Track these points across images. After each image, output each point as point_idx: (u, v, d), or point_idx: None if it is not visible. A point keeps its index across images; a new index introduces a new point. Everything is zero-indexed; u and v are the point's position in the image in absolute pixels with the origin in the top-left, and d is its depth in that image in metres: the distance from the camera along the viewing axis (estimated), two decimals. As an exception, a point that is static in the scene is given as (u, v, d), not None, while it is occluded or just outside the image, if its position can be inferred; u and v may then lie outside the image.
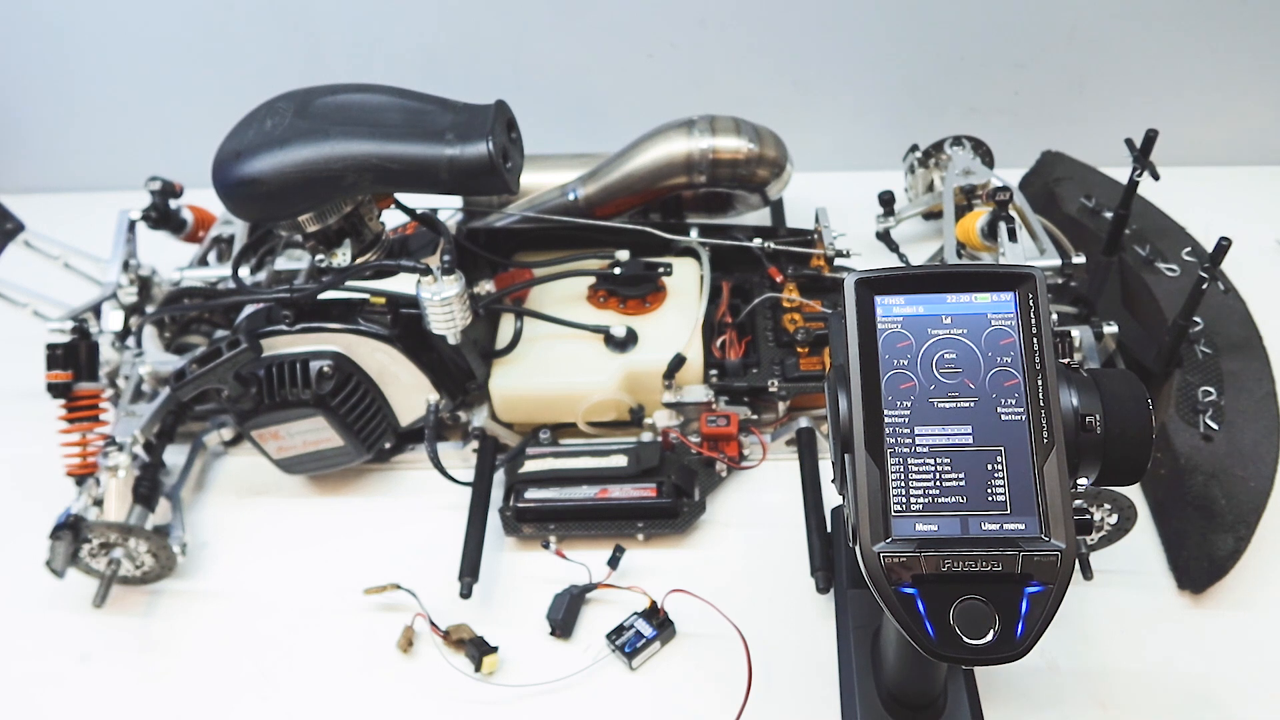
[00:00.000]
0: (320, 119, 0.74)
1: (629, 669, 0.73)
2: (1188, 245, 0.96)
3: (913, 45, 1.17)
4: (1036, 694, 0.69)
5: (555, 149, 1.04)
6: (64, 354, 0.89)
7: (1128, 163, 0.85)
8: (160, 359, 0.92)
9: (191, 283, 1.00)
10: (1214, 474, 0.75)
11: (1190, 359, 0.84)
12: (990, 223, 0.89)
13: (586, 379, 0.87)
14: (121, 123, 1.31)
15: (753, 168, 0.97)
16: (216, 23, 1.20)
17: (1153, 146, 0.84)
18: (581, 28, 1.17)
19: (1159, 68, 1.16)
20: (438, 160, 0.73)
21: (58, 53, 1.25)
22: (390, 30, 1.19)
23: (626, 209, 1.01)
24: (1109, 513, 0.71)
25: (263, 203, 0.74)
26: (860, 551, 0.47)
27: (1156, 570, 0.77)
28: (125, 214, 0.99)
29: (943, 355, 0.50)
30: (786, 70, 1.20)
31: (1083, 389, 0.50)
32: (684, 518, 0.81)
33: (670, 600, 0.75)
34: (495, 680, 0.73)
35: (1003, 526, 0.47)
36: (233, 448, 0.95)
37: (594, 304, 0.93)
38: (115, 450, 0.84)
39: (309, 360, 0.82)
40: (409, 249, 0.85)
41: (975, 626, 0.45)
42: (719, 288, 0.95)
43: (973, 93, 1.20)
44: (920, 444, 0.48)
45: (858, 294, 0.51)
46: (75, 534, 0.79)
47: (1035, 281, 0.50)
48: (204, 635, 0.79)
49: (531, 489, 0.82)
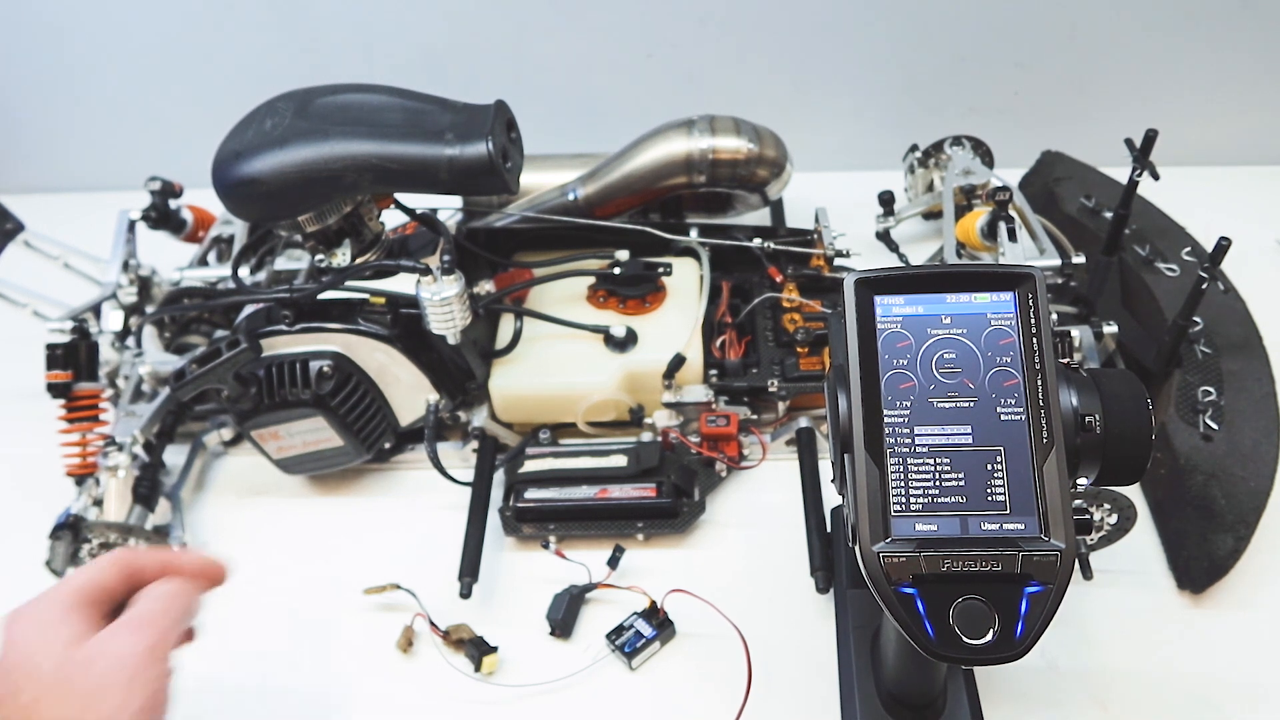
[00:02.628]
0: (320, 119, 0.74)
1: (629, 669, 0.73)
2: (1188, 245, 0.96)
3: (913, 45, 1.17)
4: (1036, 694, 0.69)
5: (555, 149, 1.04)
6: (64, 354, 0.89)
7: (1128, 163, 0.85)
8: (160, 359, 0.92)
9: (191, 283, 1.00)
10: (1214, 474, 0.75)
11: (1190, 359, 0.84)
12: (990, 223, 0.89)
13: (586, 379, 0.87)
14: (121, 123, 1.31)
15: (753, 168, 0.97)
16: (217, 23, 1.20)
17: (1153, 146, 0.84)
18: (581, 28, 1.17)
19: (1159, 68, 1.16)
20: (438, 160, 0.73)
21: (58, 53, 1.25)
22: (390, 30, 1.19)
23: (626, 209, 1.01)
24: (1109, 513, 0.71)
25: (263, 203, 0.74)
26: (860, 551, 0.47)
27: (1156, 570, 0.77)
28: (125, 214, 0.99)
29: (942, 355, 0.50)
30: (786, 70, 1.20)
31: (1082, 389, 0.50)
32: (684, 518, 0.81)
33: (670, 600, 0.75)
34: (495, 680, 0.73)
35: (1002, 526, 0.47)
36: (233, 448, 0.95)
37: (594, 304, 0.93)
38: (115, 450, 0.84)
39: (309, 360, 0.82)
40: (409, 249, 0.85)
41: (975, 626, 0.45)
42: (719, 288, 0.95)
43: (973, 93, 1.20)
44: (920, 444, 0.48)
45: (857, 294, 0.51)
46: (75, 534, 0.79)
47: (1035, 281, 0.50)
48: (203, 635, 0.79)
49: (531, 489, 0.82)
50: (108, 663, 0.51)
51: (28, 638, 0.52)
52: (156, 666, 0.52)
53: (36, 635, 0.52)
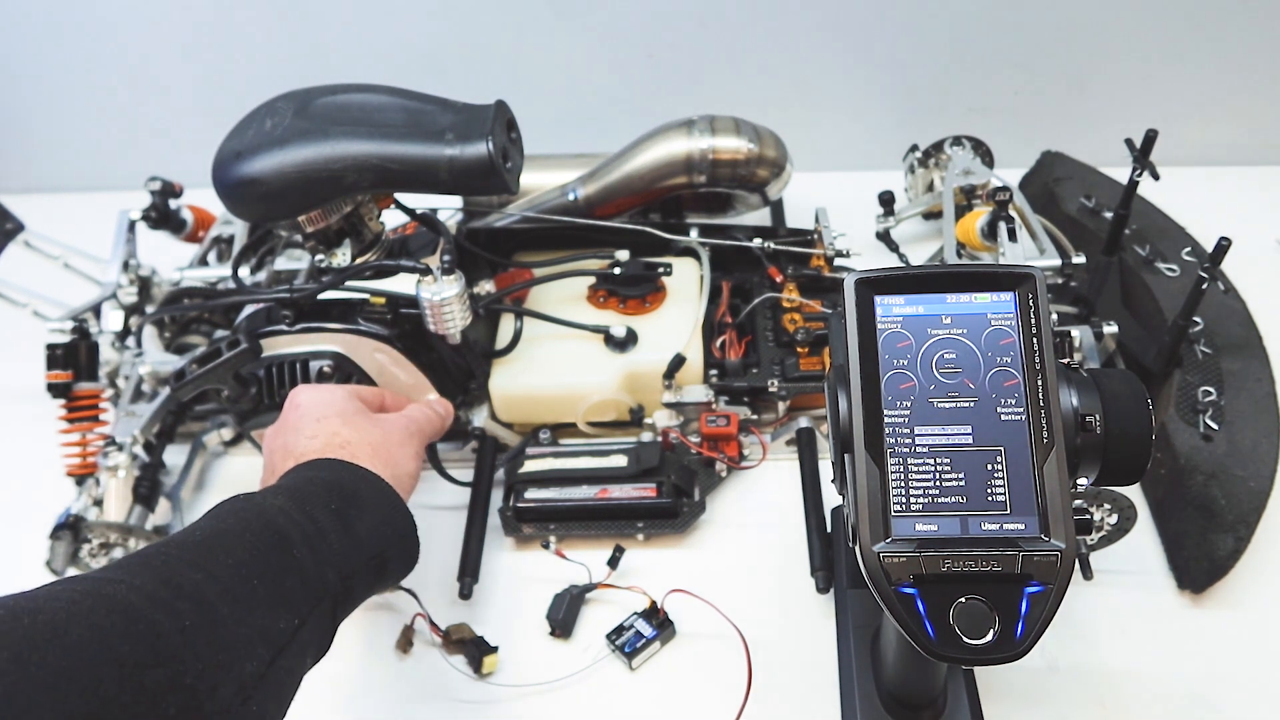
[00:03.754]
0: (320, 119, 0.74)
1: (629, 669, 0.73)
2: (1188, 245, 0.96)
3: (913, 45, 1.17)
4: (1036, 694, 0.69)
5: (555, 149, 1.04)
6: (64, 354, 0.89)
7: (1128, 163, 0.85)
8: (160, 359, 0.92)
9: (191, 283, 1.00)
10: (1214, 474, 0.75)
11: (1190, 359, 0.84)
12: (990, 223, 0.89)
13: (586, 379, 0.87)
14: (121, 123, 1.31)
15: (753, 168, 0.97)
16: (217, 23, 1.20)
17: (1153, 146, 0.84)
18: (581, 28, 1.17)
19: (1159, 68, 1.16)
20: (438, 160, 0.73)
21: (58, 53, 1.25)
22: (390, 30, 1.19)
23: (626, 209, 1.01)
24: (1109, 513, 0.71)
25: (263, 203, 0.74)
26: (860, 551, 0.47)
27: (1156, 570, 0.77)
28: (125, 214, 0.99)
29: (942, 355, 0.50)
30: (786, 70, 1.20)
31: (1083, 389, 0.50)
32: (684, 518, 0.81)
33: (670, 600, 0.75)
34: (495, 680, 0.73)
35: (1003, 526, 0.47)
36: (233, 448, 0.95)
37: (594, 304, 0.93)
38: (115, 450, 0.84)
39: (309, 360, 0.82)
40: (409, 249, 0.85)
41: (975, 626, 0.45)
42: (719, 288, 0.95)
43: (973, 93, 1.20)
44: (920, 444, 0.48)
45: (858, 294, 0.51)
46: (75, 534, 0.79)
47: (1035, 281, 0.50)
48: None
49: (531, 489, 0.82)
50: (397, 428, 0.70)
51: (315, 396, 0.70)
52: (423, 454, 0.73)
53: (324, 394, 0.70)
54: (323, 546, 0.56)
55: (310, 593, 0.54)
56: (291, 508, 0.57)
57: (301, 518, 0.56)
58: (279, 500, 0.57)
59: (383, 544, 0.60)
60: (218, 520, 0.55)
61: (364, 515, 0.60)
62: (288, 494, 0.58)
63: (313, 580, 0.54)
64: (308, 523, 0.56)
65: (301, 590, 0.53)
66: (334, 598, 0.56)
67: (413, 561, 0.64)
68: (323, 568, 0.55)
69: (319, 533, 0.56)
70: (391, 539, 0.61)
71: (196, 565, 0.49)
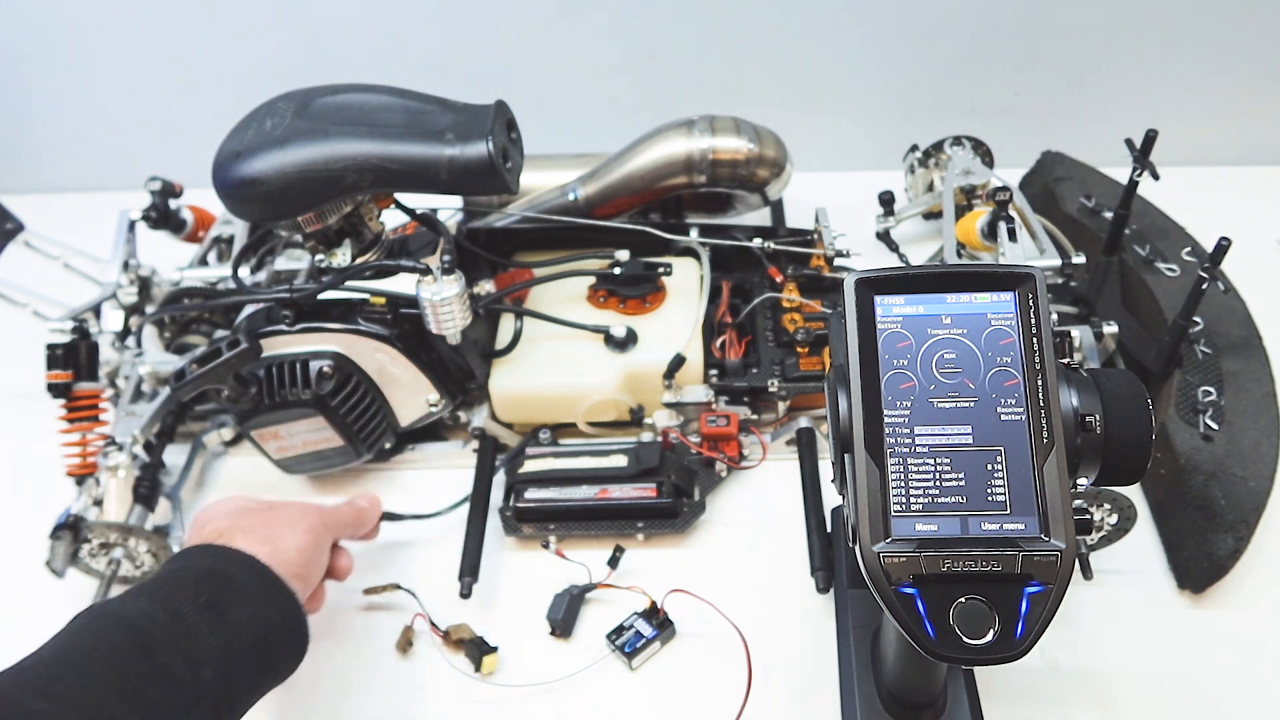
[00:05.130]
0: (320, 119, 0.74)
1: (629, 669, 0.73)
2: (1188, 245, 0.96)
3: (913, 45, 1.17)
4: (1036, 694, 0.69)
5: (555, 149, 1.04)
6: (64, 354, 0.89)
7: (1128, 163, 0.85)
8: (160, 359, 0.92)
9: (191, 283, 1.00)
10: (1214, 474, 0.75)
11: (1190, 359, 0.84)
12: (990, 223, 0.89)
13: (586, 379, 0.87)
14: (121, 123, 1.31)
15: (753, 168, 0.97)
16: (217, 23, 1.20)
17: (1153, 146, 0.84)
18: (581, 28, 1.17)
19: (1159, 68, 1.16)
20: (438, 160, 0.73)
21: (58, 53, 1.25)
22: (390, 30, 1.19)
23: (626, 209, 1.01)
24: (1109, 513, 0.71)
25: (263, 203, 0.74)
26: (860, 551, 0.47)
27: (1156, 570, 0.77)
28: (125, 214, 0.99)
29: (942, 355, 0.50)
30: (786, 70, 1.20)
31: (1083, 389, 0.50)
32: (684, 518, 0.81)
33: (670, 600, 0.75)
34: (495, 680, 0.73)
35: (1003, 526, 0.47)
36: (233, 448, 0.95)
37: (594, 304, 0.93)
38: (115, 450, 0.84)
39: (309, 360, 0.82)
40: (409, 249, 0.85)
41: (975, 626, 0.45)
42: (719, 288, 0.95)
43: (973, 93, 1.20)
44: (920, 444, 0.48)
45: (858, 294, 0.51)
46: (75, 534, 0.79)
47: (1035, 281, 0.50)
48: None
49: (531, 489, 0.82)
50: (288, 510, 0.67)
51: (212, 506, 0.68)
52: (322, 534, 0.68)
53: (222, 502, 0.68)
54: (193, 645, 0.53)
55: (181, 698, 0.51)
56: (154, 609, 0.54)
57: (166, 618, 0.53)
58: (140, 603, 0.54)
59: (264, 629, 0.57)
60: (70, 636, 0.52)
61: (241, 601, 0.57)
62: (150, 594, 0.55)
63: (184, 684, 0.51)
64: (173, 622, 0.53)
65: (169, 698, 0.50)
66: (214, 698, 0.52)
67: (303, 644, 0.61)
68: (197, 668, 0.52)
69: (187, 631, 0.53)
70: (274, 620, 0.58)
71: (42, 693, 0.46)
